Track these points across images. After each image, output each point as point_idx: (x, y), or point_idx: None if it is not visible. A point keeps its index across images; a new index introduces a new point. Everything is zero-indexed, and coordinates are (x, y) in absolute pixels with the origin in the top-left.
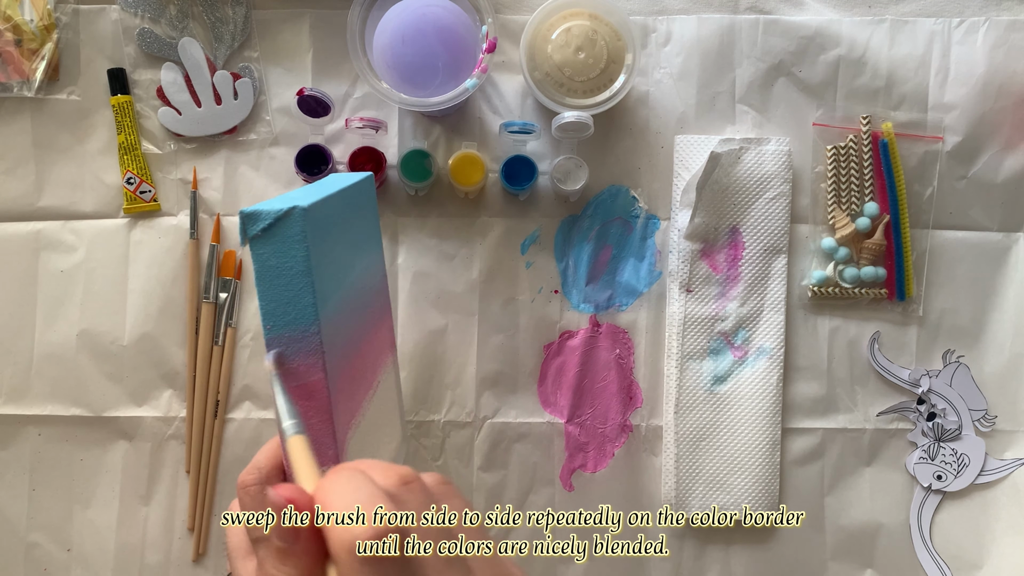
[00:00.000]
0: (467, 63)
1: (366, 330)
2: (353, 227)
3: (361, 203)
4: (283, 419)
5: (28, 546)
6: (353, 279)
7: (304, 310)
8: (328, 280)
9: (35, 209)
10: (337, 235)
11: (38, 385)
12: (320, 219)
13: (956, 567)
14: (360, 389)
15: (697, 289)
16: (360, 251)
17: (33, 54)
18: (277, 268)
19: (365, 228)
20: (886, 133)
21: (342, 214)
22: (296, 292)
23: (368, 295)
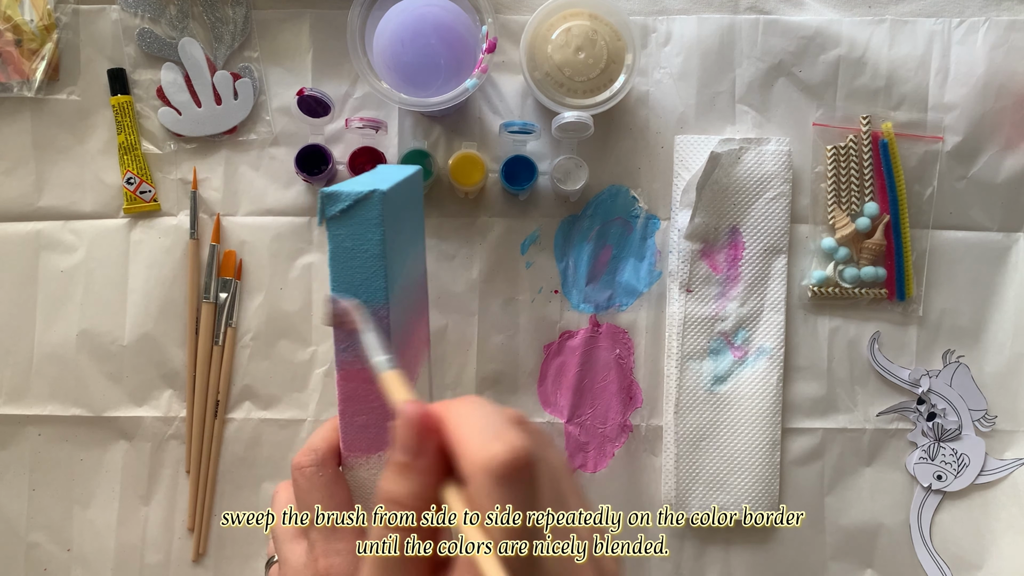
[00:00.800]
0: (467, 63)
1: (412, 322)
2: (409, 216)
3: (413, 196)
4: (375, 355)
5: (28, 546)
6: (408, 269)
7: (375, 293)
8: (395, 265)
9: (35, 209)
10: (401, 223)
11: (38, 385)
12: (393, 204)
13: (956, 567)
14: (408, 381)
15: (697, 289)
16: (411, 243)
17: (33, 54)
18: (352, 250)
19: (415, 221)
20: (886, 133)
21: (404, 203)
22: (369, 275)
23: (415, 288)
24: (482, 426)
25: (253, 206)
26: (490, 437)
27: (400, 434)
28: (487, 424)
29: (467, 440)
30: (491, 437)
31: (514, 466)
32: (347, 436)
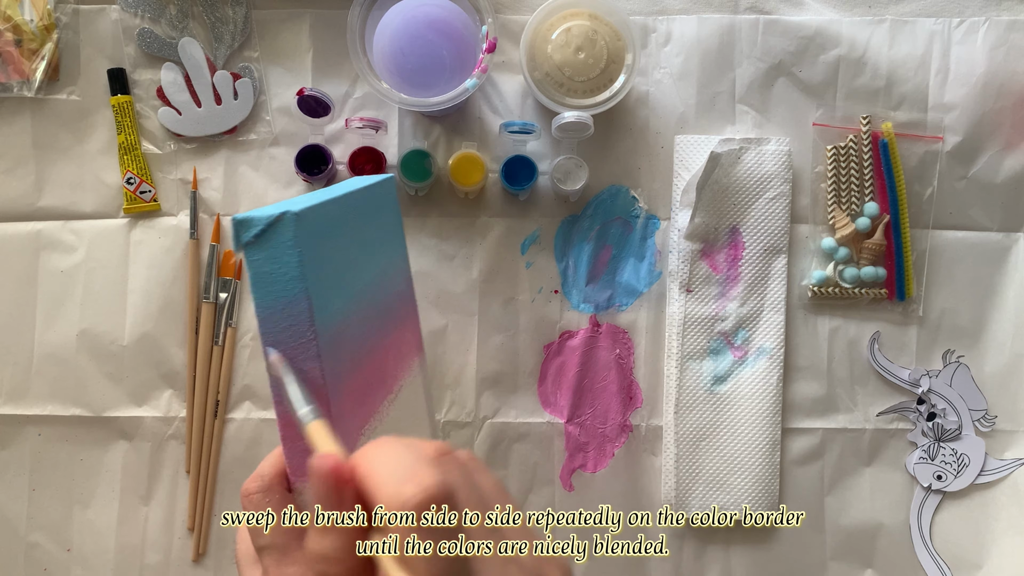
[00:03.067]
0: (467, 63)
1: (385, 333)
2: (366, 230)
3: (378, 205)
4: (298, 407)
5: (28, 546)
6: (367, 282)
7: (299, 316)
8: (330, 285)
9: (35, 209)
10: (343, 239)
11: (38, 385)
12: (317, 224)
13: (956, 567)
14: (377, 392)
15: (697, 289)
16: (375, 254)
17: (33, 54)
18: (271, 274)
19: (383, 230)
20: (886, 133)
21: (350, 217)
22: (291, 298)
23: (387, 298)
24: (393, 469)
25: (253, 206)
26: (402, 479)
27: (319, 489)
28: (398, 467)
29: (380, 486)
30: (402, 479)
31: (427, 505)
32: (292, 462)
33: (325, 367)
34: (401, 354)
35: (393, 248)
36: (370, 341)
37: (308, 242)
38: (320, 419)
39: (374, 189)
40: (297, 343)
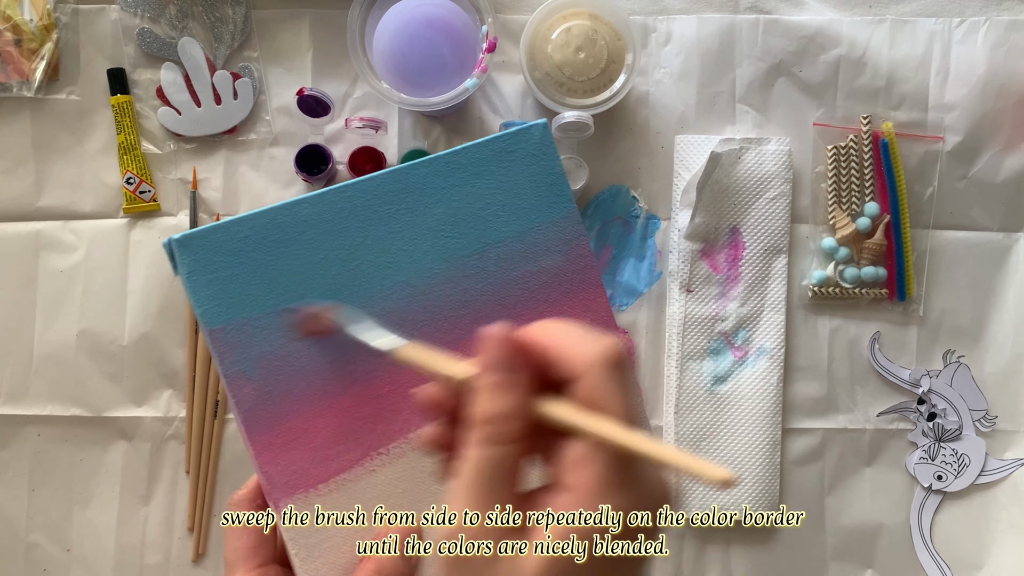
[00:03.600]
0: (467, 63)
1: (472, 328)
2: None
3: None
4: (378, 339)
5: (28, 546)
6: (404, 279)
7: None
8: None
9: (35, 209)
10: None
11: (37, 385)
12: (219, 243)
13: (956, 567)
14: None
15: (697, 289)
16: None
17: (33, 54)
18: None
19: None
20: (886, 133)
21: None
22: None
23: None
24: (577, 333)
25: (253, 206)
26: (589, 340)
27: (493, 353)
28: (579, 332)
29: (570, 346)
30: (590, 340)
31: (621, 357)
32: (270, 475)
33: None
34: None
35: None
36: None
37: (204, 263)
38: (412, 342)
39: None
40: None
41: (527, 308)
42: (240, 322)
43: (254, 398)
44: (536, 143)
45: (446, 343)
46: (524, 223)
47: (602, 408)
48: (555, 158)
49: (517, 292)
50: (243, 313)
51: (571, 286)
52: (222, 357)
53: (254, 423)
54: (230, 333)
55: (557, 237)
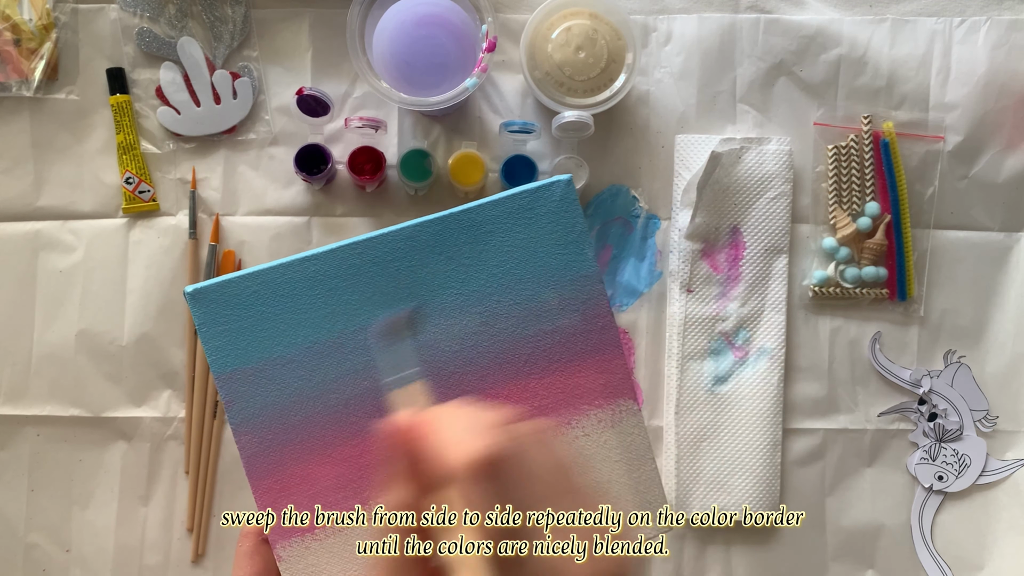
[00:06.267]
0: (467, 62)
1: (476, 386)
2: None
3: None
4: (398, 374)
5: (27, 547)
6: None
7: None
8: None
9: (34, 209)
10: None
11: (37, 385)
12: (229, 294)
13: (957, 568)
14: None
15: (698, 289)
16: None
17: (32, 53)
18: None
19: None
20: (887, 133)
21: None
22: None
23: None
24: (462, 428)
25: (252, 206)
26: (467, 438)
27: (386, 446)
28: (466, 426)
29: (445, 443)
30: (468, 438)
31: (486, 463)
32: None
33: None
34: (543, 407)
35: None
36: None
37: (216, 313)
38: (421, 380)
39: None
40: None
41: (537, 368)
42: (248, 370)
43: (257, 444)
44: (557, 200)
45: (451, 399)
46: (540, 281)
47: (461, 520)
48: (578, 214)
49: (528, 351)
50: (251, 362)
51: (586, 346)
52: (229, 403)
53: (256, 468)
54: (238, 381)
55: (575, 296)
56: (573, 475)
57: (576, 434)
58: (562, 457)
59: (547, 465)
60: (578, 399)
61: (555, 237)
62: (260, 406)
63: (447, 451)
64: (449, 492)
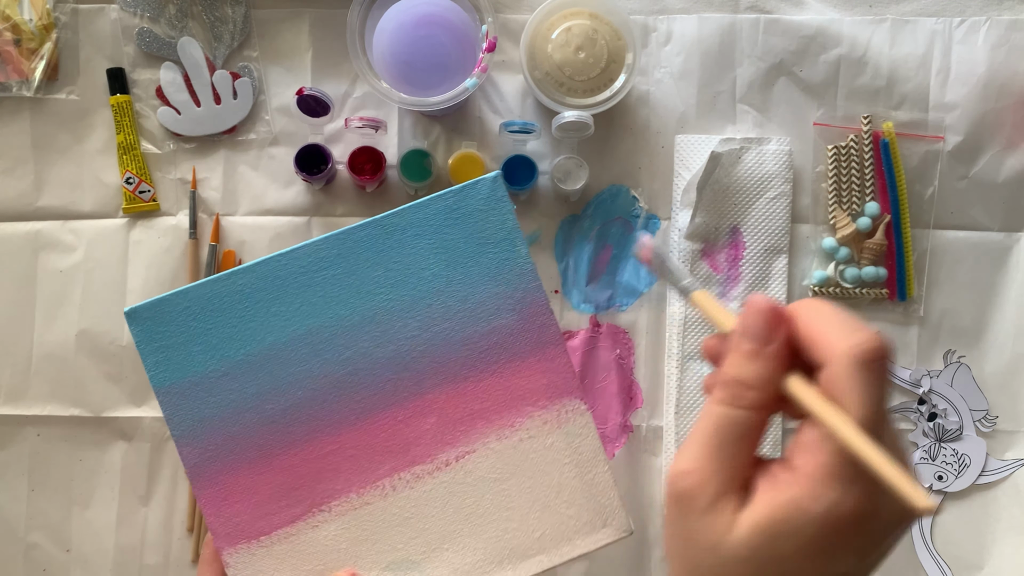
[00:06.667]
0: (467, 62)
1: (412, 392)
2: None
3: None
4: (681, 279)
5: (27, 547)
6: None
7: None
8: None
9: (34, 209)
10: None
11: (37, 385)
12: (163, 312)
13: (957, 568)
14: (353, 469)
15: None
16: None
17: (32, 53)
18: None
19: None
20: (887, 133)
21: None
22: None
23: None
24: (840, 319)
25: (252, 206)
26: (849, 329)
27: (750, 322)
28: (842, 319)
29: (827, 331)
30: (851, 329)
31: (876, 355)
32: (220, 528)
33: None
34: (457, 422)
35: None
36: (337, 409)
37: (152, 329)
38: (704, 289)
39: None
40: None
41: (475, 370)
42: (184, 384)
43: (198, 455)
44: (484, 198)
45: (388, 405)
46: (473, 282)
47: (841, 401)
48: (507, 211)
49: (465, 354)
50: (187, 376)
51: (525, 346)
52: (169, 416)
53: (198, 478)
54: (176, 395)
55: (510, 295)
56: None
57: (520, 437)
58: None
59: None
60: (520, 400)
61: (485, 236)
62: (199, 418)
63: (837, 336)
64: (823, 375)
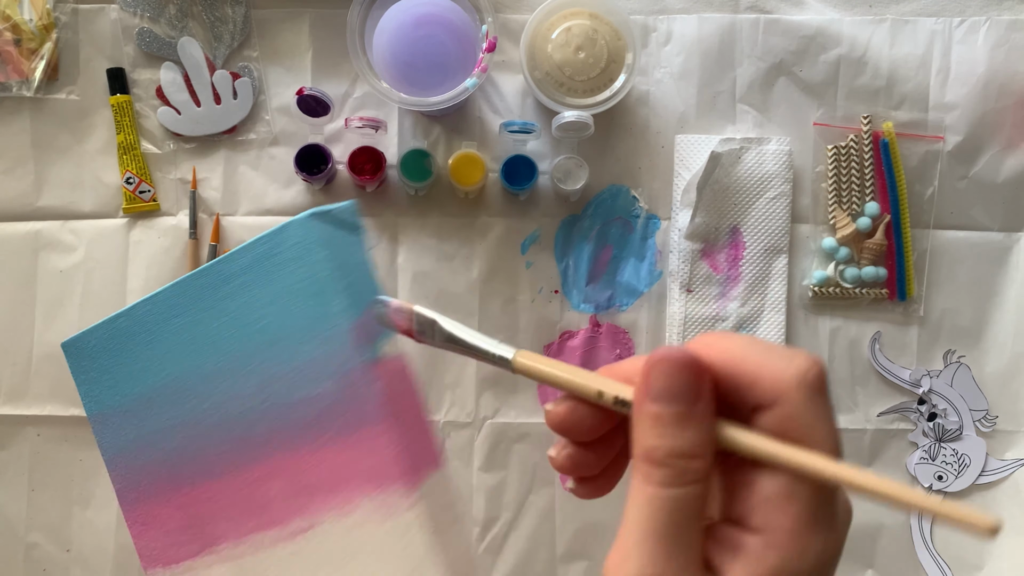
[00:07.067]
0: (467, 62)
1: (262, 451)
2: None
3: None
4: (490, 347)
5: (27, 546)
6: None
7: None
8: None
9: (34, 209)
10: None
11: (37, 385)
12: (96, 344)
13: (957, 568)
14: (214, 524)
15: (698, 289)
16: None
17: (32, 53)
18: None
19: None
20: (887, 133)
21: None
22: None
23: (274, 408)
24: (767, 348)
25: (252, 206)
26: (786, 356)
27: (674, 382)
28: (769, 347)
29: (764, 363)
30: (787, 356)
31: (824, 377)
32: (148, 544)
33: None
34: (321, 483)
35: (299, 341)
36: (210, 457)
37: (88, 365)
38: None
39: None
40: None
41: (307, 440)
42: (109, 412)
43: (122, 480)
44: (292, 245)
45: (241, 463)
46: (293, 340)
47: (804, 437)
48: (319, 260)
49: (298, 418)
50: (111, 404)
51: (345, 421)
52: (99, 441)
53: (123, 501)
54: (102, 421)
55: (327, 358)
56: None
57: (353, 521)
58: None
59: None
60: (349, 482)
61: (300, 288)
62: (123, 444)
63: (778, 367)
64: (770, 414)
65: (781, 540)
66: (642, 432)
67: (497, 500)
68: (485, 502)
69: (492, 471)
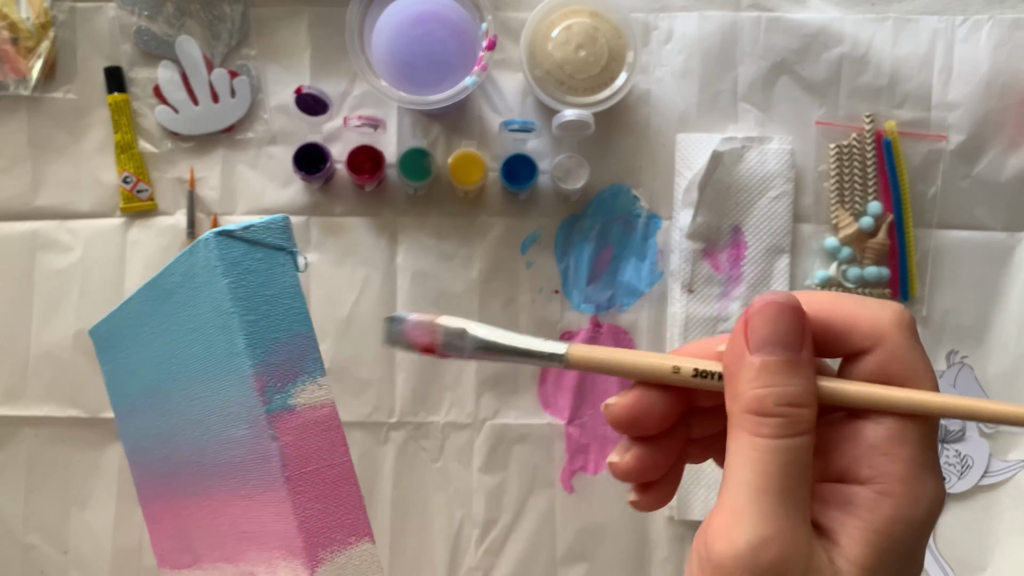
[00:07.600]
0: (467, 61)
1: (213, 482)
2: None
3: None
4: (541, 347)
5: (24, 548)
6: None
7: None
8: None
9: (31, 208)
10: (133, 344)
11: (34, 386)
12: (112, 333)
13: (959, 569)
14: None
15: (699, 289)
16: (178, 374)
17: (29, 52)
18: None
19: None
20: (889, 132)
21: (145, 317)
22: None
23: (199, 446)
24: (859, 300)
25: (251, 205)
26: (877, 305)
27: (782, 326)
28: (859, 299)
29: (860, 312)
30: (878, 304)
31: (914, 321)
32: (163, 545)
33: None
34: (234, 537)
35: (213, 373)
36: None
37: (109, 354)
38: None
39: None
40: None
41: (236, 486)
42: (126, 405)
43: (138, 473)
44: (201, 268)
45: (189, 494)
46: (219, 371)
47: (909, 378)
48: (222, 290)
49: (228, 460)
50: (119, 400)
51: (258, 476)
52: (119, 433)
53: (141, 496)
54: (117, 415)
55: (240, 400)
56: None
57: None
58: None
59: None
60: (269, 540)
61: (209, 319)
62: (135, 439)
63: (875, 314)
64: (870, 360)
65: (895, 487)
66: (745, 384)
67: (497, 502)
68: (485, 504)
69: (492, 472)
